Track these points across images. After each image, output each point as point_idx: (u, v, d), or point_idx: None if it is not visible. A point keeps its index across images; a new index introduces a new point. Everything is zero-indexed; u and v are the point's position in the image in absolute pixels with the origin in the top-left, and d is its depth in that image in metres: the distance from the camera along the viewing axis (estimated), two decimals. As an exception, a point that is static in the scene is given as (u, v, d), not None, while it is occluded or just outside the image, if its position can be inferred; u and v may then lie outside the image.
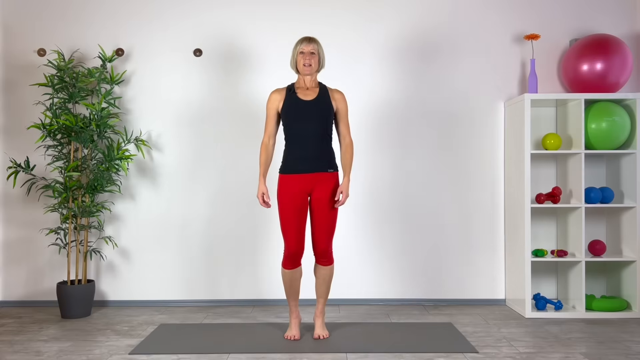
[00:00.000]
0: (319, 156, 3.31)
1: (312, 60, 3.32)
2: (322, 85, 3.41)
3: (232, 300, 4.34)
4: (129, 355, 3.19)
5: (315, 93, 3.35)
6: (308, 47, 3.32)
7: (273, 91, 3.39)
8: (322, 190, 3.31)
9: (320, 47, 3.37)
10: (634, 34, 4.34)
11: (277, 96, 3.36)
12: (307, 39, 3.34)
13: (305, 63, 3.31)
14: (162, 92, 4.34)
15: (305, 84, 3.38)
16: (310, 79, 3.37)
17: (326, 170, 3.32)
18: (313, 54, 3.33)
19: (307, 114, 3.28)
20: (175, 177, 4.34)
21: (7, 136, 4.35)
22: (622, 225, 4.12)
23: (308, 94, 3.34)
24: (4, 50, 4.35)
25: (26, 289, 4.34)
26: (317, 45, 3.35)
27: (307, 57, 3.31)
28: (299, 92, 3.36)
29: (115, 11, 4.35)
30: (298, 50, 3.34)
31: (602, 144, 3.98)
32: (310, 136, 3.29)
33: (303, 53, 3.32)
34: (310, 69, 3.33)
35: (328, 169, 3.33)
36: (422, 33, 4.34)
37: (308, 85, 3.37)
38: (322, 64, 3.40)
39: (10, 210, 4.34)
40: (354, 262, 4.34)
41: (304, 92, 3.35)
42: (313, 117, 3.28)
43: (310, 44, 3.32)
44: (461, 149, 4.34)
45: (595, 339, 3.45)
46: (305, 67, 3.32)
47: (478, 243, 4.34)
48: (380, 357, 3.12)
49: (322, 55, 3.39)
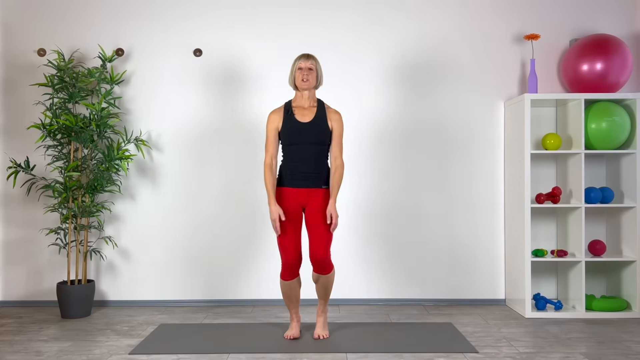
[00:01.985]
0: (314, 174, 3.34)
1: (310, 76, 3.34)
2: (320, 104, 3.41)
3: (232, 300, 4.34)
4: (129, 355, 3.19)
5: (313, 113, 3.37)
6: (306, 63, 3.34)
7: (271, 112, 3.41)
8: (315, 203, 3.34)
9: (318, 64, 3.40)
10: (634, 34, 4.34)
11: (276, 117, 3.39)
12: (305, 55, 3.37)
13: (303, 78, 3.33)
14: (162, 92, 4.34)
15: (303, 101, 3.39)
16: (308, 95, 3.39)
17: (320, 187, 3.36)
18: (311, 70, 3.35)
19: (304, 136, 3.32)
20: (175, 177, 4.34)
21: (7, 136, 4.35)
22: (622, 225, 4.12)
23: (305, 115, 3.36)
24: (4, 50, 4.35)
25: (26, 289, 4.34)
26: (315, 62, 3.38)
27: (305, 73, 3.34)
28: (297, 112, 3.37)
29: (115, 11, 4.35)
30: (296, 66, 3.37)
31: (602, 144, 3.98)
32: (306, 156, 3.33)
33: (301, 69, 3.35)
34: (308, 84, 3.35)
35: (322, 185, 3.37)
36: (422, 33, 4.34)
37: (306, 103, 3.39)
38: (320, 81, 3.42)
39: (10, 210, 4.34)
40: (354, 262, 4.34)
41: (302, 113, 3.37)
42: (310, 139, 3.32)
43: (308, 60, 3.35)
44: (461, 149, 4.34)
45: (595, 339, 3.45)
46: (303, 83, 3.34)
47: (478, 243, 4.34)
48: (380, 357, 3.12)
49: (320, 71, 3.41)
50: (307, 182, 3.33)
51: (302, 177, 3.32)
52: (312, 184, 3.34)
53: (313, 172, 3.33)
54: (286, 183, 3.35)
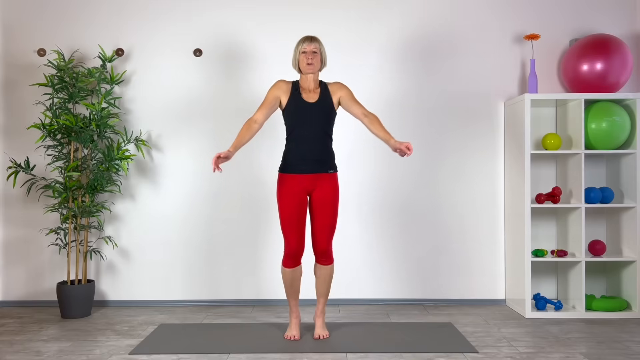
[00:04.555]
0: (319, 158, 3.32)
1: (314, 59, 3.33)
2: (322, 85, 3.42)
3: (232, 300, 4.34)
4: (129, 355, 3.19)
5: (317, 94, 3.36)
6: (310, 46, 3.33)
7: (281, 80, 3.39)
8: (322, 190, 3.32)
9: (322, 46, 3.38)
10: (634, 34, 4.34)
11: (284, 86, 3.36)
12: (309, 38, 3.35)
13: (307, 62, 3.32)
14: (162, 92, 4.34)
15: (307, 84, 3.38)
16: (313, 78, 3.38)
17: (326, 172, 3.34)
18: (315, 53, 3.34)
19: (310, 117, 3.30)
20: (175, 177, 4.34)
21: (7, 136, 4.35)
22: (622, 225, 4.12)
23: (311, 96, 3.35)
24: (4, 50, 4.35)
25: (26, 289, 4.34)
26: (319, 44, 3.36)
27: (310, 56, 3.32)
28: (303, 93, 3.36)
29: (115, 11, 4.35)
30: (300, 49, 3.34)
31: (602, 144, 3.98)
32: (312, 138, 3.30)
33: (305, 52, 3.33)
34: (313, 68, 3.33)
35: (328, 169, 3.35)
36: (422, 33, 4.34)
37: (311, 85, 3.38)
38: (324, 63, 3.41)
39: (10, 210, 4.34)
40: (354, 262, 4.34)
41: (307, 94, 3.36)
42: (315, 119, 3.30)
43: (312, 43, 3.33)
44: (461, 149, 4.34)
45: (595, 339, 3.45)
46: (307, 66, 3.32)
47: (478, 243, 4.34)
48: (380, 357, 3.12)
49: (324, 54, 3.40)
50: (313, 167, 3.30)
51: (308, 161, 3.29)
52: (318, 168, 3.31)
53: (319, 156, 3.31)
54: (291, 169, 3.32)
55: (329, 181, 3.34)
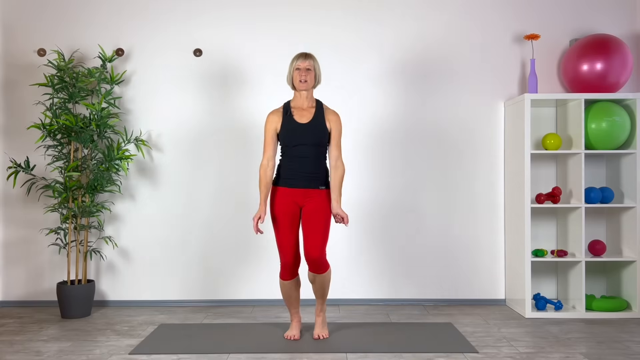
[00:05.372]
0: (312, 175, 3.34)
1: (308, 77, 3.33)
2: (318, 104, 3.41)
3: (232, 300, 4.34)
4: (129, 355, 3.19)
5: (311, 114, 3.36)
6: (304, 64, 3.33)
7: (270, 113, 3.41)
8: (312, 203, 3.34)
9: (317, 63, 3.39)
10: (634, 34, 4.34)
11: (275, 118, 3.38)
12: (303, 55, 3.36)
13: (301, 79, 3.32)
14: (162, 92, 4.34)
15: (301, 101, 3.38)
16: (307, 95, 3.38)
17: (317, 187, 3.36)
18: (309, 70, 3.34)
19: (302, 137, 3.31)
20: (175, 177, 4.34)
21: (7, 136, 4.35)
22: (622, 225, 4.12)
23: (304, 115, 3.36)
24: (4, 50, 4.35)
25: (26, 289, 4.34)
26: (313, 62, 3.36)
27: (303, 73, 3.32)
28: (295, 112, 3.37)
29: (115, 11, 4.35)
30: (294, 66, 3.35)
31: (602, 144, 3.98)
32: (305, 157, 3.33)
33: (299, 69, 3.34)
34: (306, 85, 3.34)
35: (320, 186, 3.36)
36: (422, 33, 4.34)
37: (305, 104, 3.38)
38: (318, 80, 3.41)
39: (10, 210, 4.34)
40: (353, 262, 4.34)
41: (300, 113, 3.36)
42: (308, 140, 3.31)
43: (306, 60, 3.34)
44: (461, 149, 4.34)
45: (595, 339, 3.45)
46: (301, 83, 3.33)
47: (478, 243, 4.34)
48: (380, 357, 3.12)
49: (319, 71, 3.40)
50: (305, 183, 3.33)
51: (300, 177, 3.32)
52: (309, 184, 3.33)
53: (311, 173, 3.33)
54: (283, 183, 3.35)
55: (320, 195, 3.35)
